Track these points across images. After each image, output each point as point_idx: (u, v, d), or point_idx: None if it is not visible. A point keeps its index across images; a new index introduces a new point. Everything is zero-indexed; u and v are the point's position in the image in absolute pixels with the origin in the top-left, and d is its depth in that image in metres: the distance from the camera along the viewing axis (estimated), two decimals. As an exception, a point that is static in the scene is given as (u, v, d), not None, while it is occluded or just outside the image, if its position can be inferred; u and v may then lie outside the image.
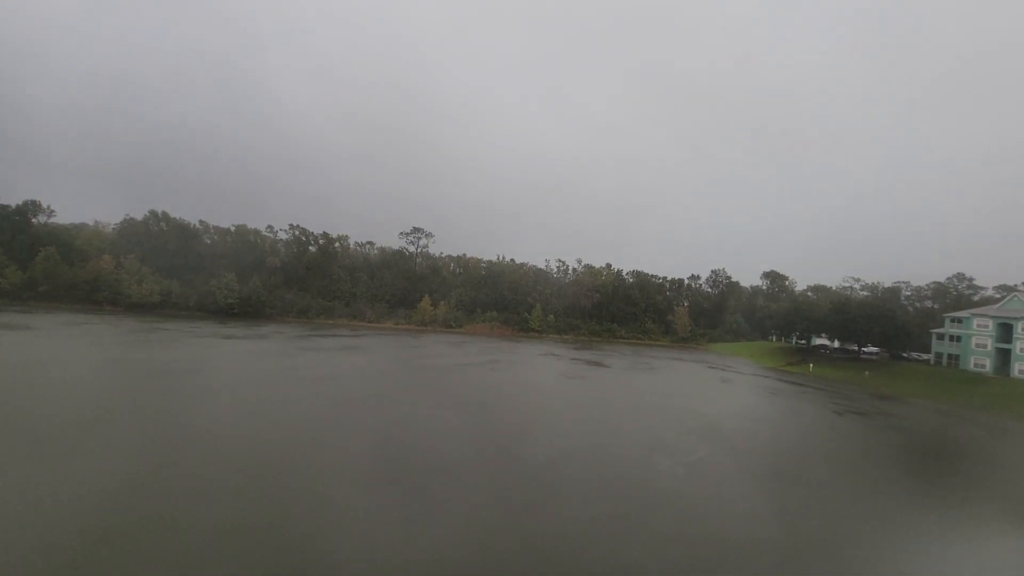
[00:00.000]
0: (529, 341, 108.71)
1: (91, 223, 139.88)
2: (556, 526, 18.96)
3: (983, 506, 25.49)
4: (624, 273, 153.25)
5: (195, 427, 26.60)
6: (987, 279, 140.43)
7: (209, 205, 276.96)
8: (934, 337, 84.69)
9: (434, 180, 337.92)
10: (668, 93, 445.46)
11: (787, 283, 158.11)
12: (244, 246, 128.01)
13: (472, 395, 43.67)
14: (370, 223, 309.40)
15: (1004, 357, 73.26)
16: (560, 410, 40.81)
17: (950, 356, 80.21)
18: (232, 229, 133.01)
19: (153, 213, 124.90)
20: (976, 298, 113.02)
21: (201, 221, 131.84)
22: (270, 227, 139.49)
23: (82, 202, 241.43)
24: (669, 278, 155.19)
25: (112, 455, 21.66)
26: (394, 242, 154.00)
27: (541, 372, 62.81)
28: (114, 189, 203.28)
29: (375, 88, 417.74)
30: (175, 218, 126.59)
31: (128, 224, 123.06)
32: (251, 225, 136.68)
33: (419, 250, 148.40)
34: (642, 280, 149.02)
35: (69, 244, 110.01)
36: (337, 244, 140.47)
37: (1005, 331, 73.71)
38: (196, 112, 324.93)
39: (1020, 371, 69.62)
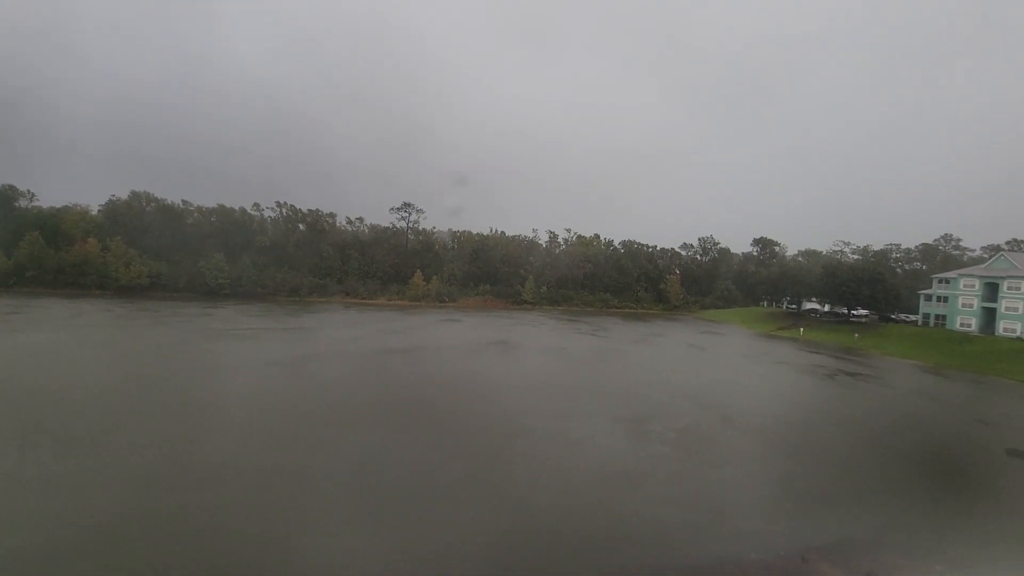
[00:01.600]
0: (523, 312, 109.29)
1: (72, 206, 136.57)
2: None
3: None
4: (615, 243, 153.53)
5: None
6: (974, 240, 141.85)
7: (187, 184, 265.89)
8: (922, 298, 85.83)
9: (424, 154, 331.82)
10: (655, 55, 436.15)
11: (778, 249, 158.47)
12: (231, 225, 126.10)
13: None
14: (359, 201, 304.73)
15: (989, 316, 74.52)
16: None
17: (937, 316, 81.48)
18: (216, 208, 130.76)
19: (136, 194, 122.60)
20: (964, 259, 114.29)
21: (184, 201, 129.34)
22: (256, 205, 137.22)
23: (59, 184, 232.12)
24: (660, 247, 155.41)
25: None
26: (384, 218, 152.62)
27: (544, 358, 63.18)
28: (91, 170, 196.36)
29: (353, 56, 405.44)
30: (159, 198, 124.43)
31: (113, 206, 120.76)
32: (235, 204, 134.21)
33: (410, 225, 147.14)
34: (633, 249, 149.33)
35: (54, 228, 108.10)
36: (325, 222, 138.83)
37: (991, 290, 74.77)
38: (165, 87, 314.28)
39: (1005, 329, 70.94)
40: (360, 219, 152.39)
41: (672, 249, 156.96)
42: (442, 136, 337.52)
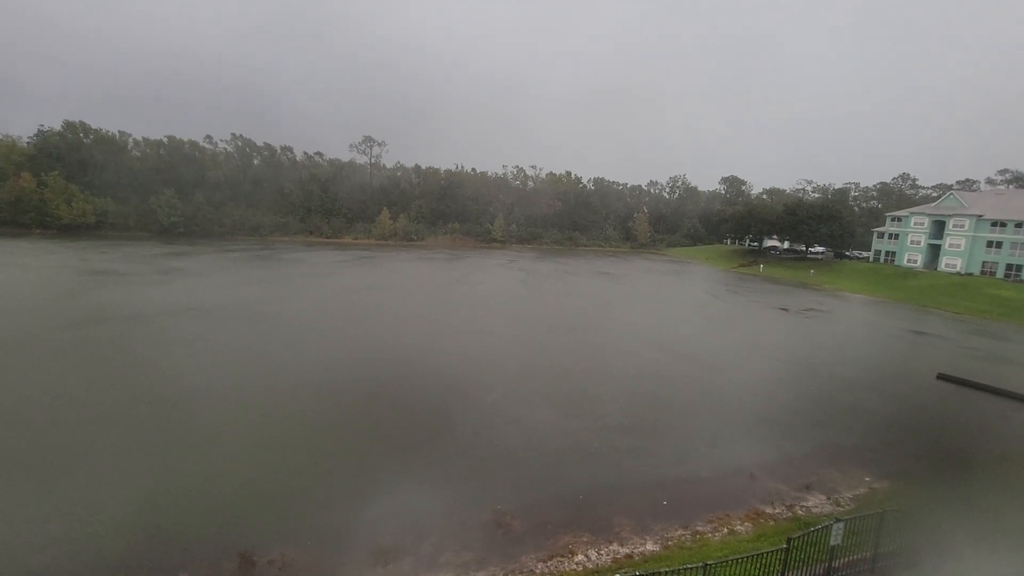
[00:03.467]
0: (492, 251, 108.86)
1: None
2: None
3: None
4: (585, 180, 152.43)
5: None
6: (932, 179, 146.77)
7: (129, 113, 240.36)
8: (875, 235, 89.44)
9: (385, 88, 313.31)
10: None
11: (744, 188, 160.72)
12: (180, 159, 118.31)
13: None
14: (315, 137, 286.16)
15: (934, 252, 78.60)
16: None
17: (888, 253, 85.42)
18: (164, 141, 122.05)
19: (71, 124, 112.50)
20: (917, 196, 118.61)
21: (121, 132, 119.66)
22: (208, 137, 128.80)
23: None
24: (629, 185, 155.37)
25: None
26: (343, 154, 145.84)
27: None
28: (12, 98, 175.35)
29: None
30: (97, 129, 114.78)
31: (45, 137, 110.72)
32: (185, 136, 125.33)
33: (372, 160, 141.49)
34: (603, 187, 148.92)
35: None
36: (285, 155, 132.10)
37: (938, 228, 78.39)
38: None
39: (947, 265, 75.20)
40: (319, 153, 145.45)
41: (640, 187, 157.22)
42: (403, 67, 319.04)
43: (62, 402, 20.25)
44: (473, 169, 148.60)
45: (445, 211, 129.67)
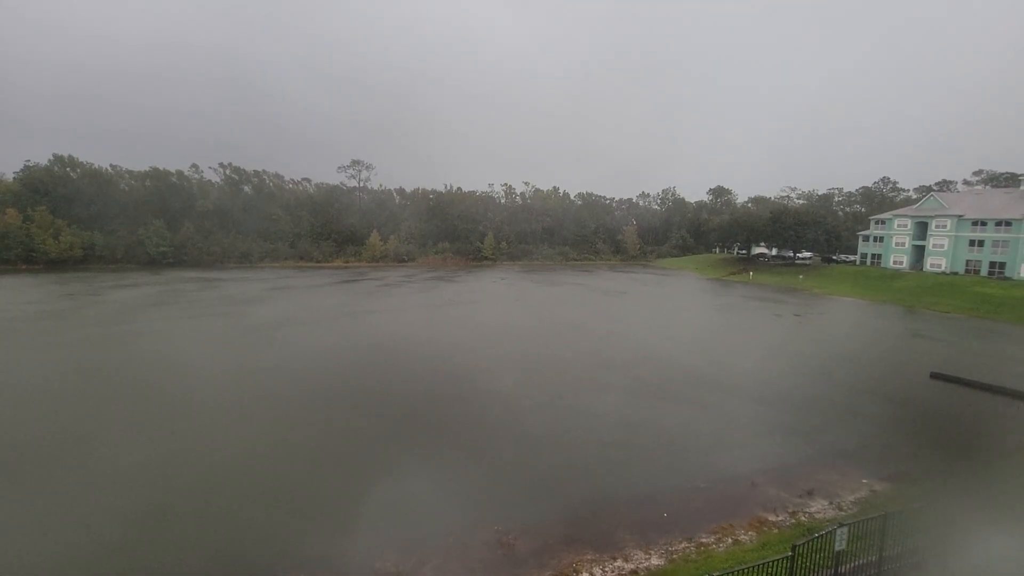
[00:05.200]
0: (482, 269, 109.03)
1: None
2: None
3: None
4: (572, 195, 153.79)
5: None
6: (909, 181, 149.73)
7: (114, 146, 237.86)
8: (860, 239, 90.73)
9: (368, 107, 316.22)
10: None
11: (730, 197, 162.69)
12: (168, 189, 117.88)
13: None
14: (300, 163, 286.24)
15: (919, 253, 79.78)
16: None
17: (874, 256, 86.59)
18: (149, 171, 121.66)
19: (58, 158, 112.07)
20: (899, 199, 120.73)
21: (112, 165, 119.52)
22: (195, 167, 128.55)
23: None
24: (618, 198, 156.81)
25: None
26: (331, 179, 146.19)
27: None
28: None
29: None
30: (85, 163, 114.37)
31: (31, 172, 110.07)
32: (171, 167, 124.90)
33: (361, 183, 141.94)
34: (591, 201, 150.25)
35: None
36: (272, 182, 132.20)
37: (921, 229, 79.73)
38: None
39: (932, 265, 76.29)
40: (307, 179, 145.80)
41: (631, 200, 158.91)
42: (385, 88, 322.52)
43: None
44: (460, 188, 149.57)
45: (435, 231, 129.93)
